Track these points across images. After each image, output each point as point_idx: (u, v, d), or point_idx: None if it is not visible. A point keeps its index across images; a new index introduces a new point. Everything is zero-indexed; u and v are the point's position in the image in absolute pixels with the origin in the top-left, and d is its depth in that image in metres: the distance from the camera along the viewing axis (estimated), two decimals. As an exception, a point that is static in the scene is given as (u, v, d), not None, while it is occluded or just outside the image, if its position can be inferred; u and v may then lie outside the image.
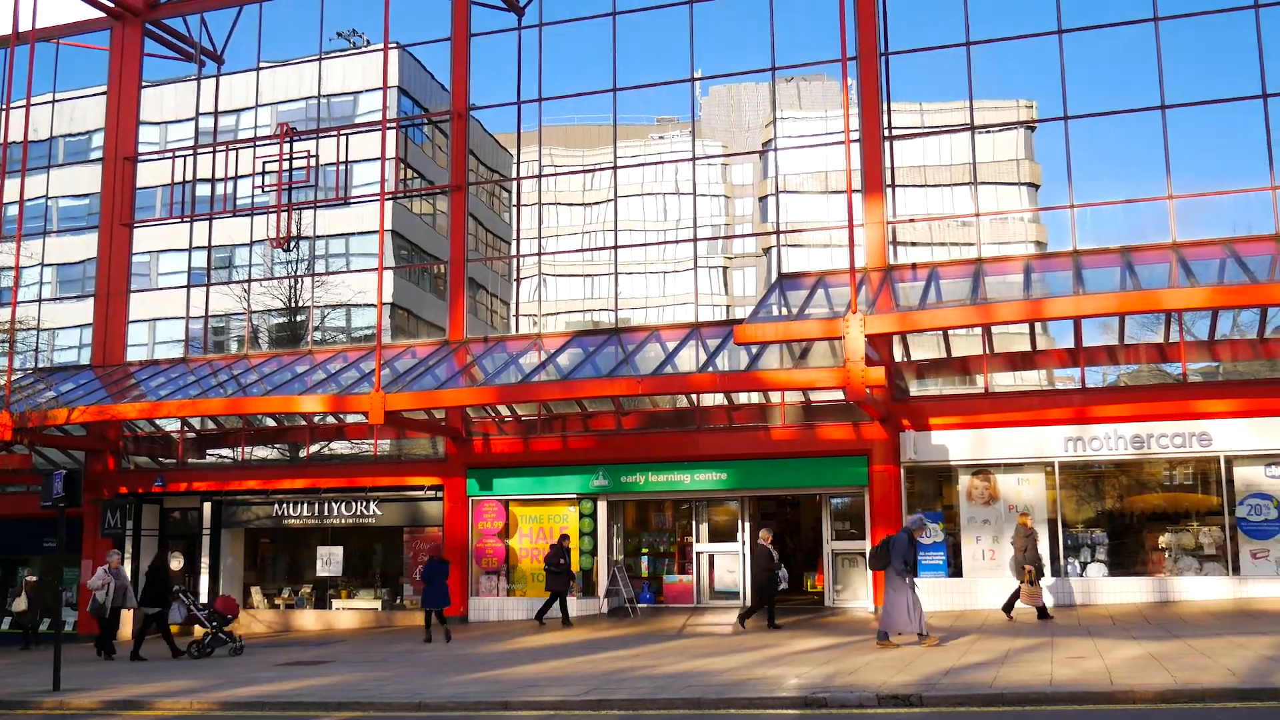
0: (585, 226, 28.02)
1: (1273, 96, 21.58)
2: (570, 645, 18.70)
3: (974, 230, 23.34)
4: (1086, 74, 22.92)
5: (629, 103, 25.88)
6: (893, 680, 12.44)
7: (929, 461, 22.02)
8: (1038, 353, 23.34)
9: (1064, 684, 11.47)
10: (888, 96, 23.69)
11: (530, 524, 24.40)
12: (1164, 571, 20.96)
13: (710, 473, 23.27)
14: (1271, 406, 20.53)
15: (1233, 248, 20.68)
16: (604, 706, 12.34)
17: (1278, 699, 10.17)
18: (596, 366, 22.69)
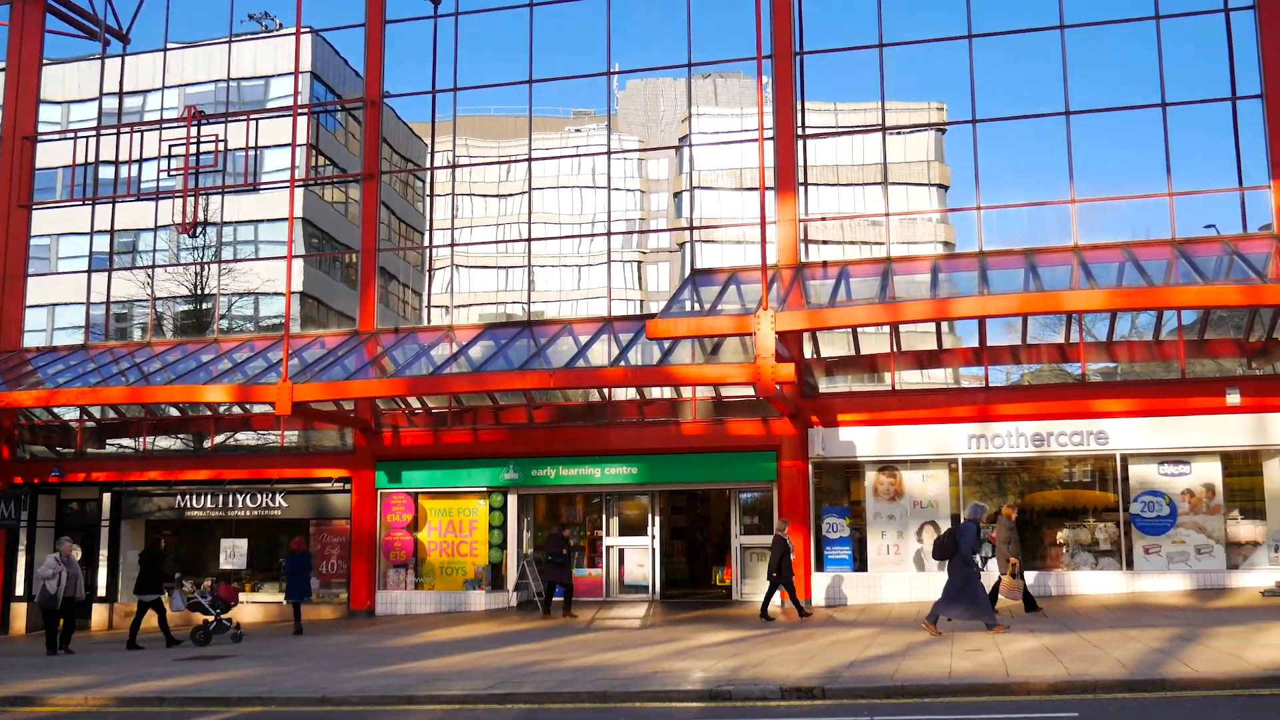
0: (500, 218, 27.85)
1: (1171, 106, 22.21)
2: (478, 639, 18.62)
3: (884, 230, 23.69)
4: (996, 79, 23.43)
5: (546, 95, 25.80)
6: (797, 673, 12.60)
7: (837, 457, 22.32)
8: (944, 351, 23.79)
9: (962, 676, 11.72)
10: (802, 95, 23.92)
11: (440, 517, 24.22)
12: (1061, 566, 21.52)
13: (621, 467, 23.32)
14: (1165, 406, 21.18)
15: (1131, 252, 21.27)
16: (510, 700, 12.31)
17: (1164, 689, 10.51)
18: (509, 359, 22.58)
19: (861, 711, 10.42)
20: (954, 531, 16.53)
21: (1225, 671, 10.85)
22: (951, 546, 16.21)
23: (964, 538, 16.10)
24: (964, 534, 16.15)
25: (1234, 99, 22.07)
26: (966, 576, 15.92)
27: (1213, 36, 22.46)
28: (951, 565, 16.23)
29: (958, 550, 16.04)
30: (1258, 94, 21.80)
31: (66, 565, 20.28)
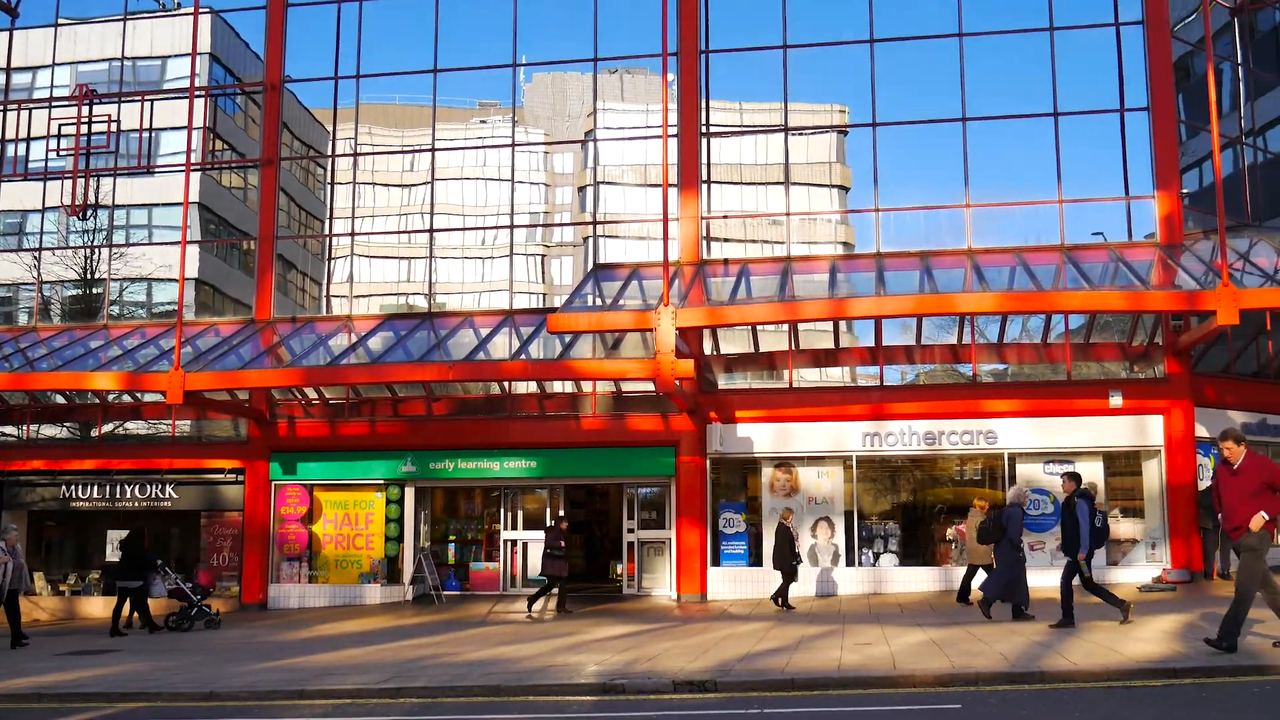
0: (403, 208, 27.57)
1: (1063, 115, 22.85)
2: (372, 633, 18.43)
3: (785, 229, 23.98)
4: (897, 84, 23.79)
5: (451, 85, 25.62)
6: (690, 666, 12.71)
7: (734, 453, 22.56)
8: (841, 350, 24.19)
9: (851, 669, 11.94)
10: (707, 94, 24.08)
11: (335, 510, 23.89)
12: (950, 562, 22.02)
13: (521, 460, 23.26)
14: (1052, 407, 21.83)
15: (1022, 256, 21.84)
16: (402, 695, 12.21)
17: (1043, 682, 10.84)
18: (408, 351, 22.37)
19: (752, 704, 10.57)
20: (999, 517, 16.65)
21: (1100, 664, 11.23)
22: (998, 532, 16.41)
23: (1011, 523, 16.27)
24: (1010, 519, 16.31)
25: (1122, 111, 22.79)
26: (1014, 561, 16.15)
27: (1104, 50, 23.17)
28: (999, 551, 16.49)
29: (1004, 535, 16.24)
30: (1144, 107, 22.53)
31: (12, 555, 19.47)
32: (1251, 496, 11.21)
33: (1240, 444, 11.58)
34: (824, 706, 10.25)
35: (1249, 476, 11.32)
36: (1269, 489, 11.19)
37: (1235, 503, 11.40)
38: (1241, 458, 11.48)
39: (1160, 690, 10.06)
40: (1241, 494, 11.32)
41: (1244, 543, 11.26)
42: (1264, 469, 11.37)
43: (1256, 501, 11.17)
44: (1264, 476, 11.27)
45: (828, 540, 22.23)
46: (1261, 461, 11.52)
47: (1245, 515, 11.20)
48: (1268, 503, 11.16)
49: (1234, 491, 11.45)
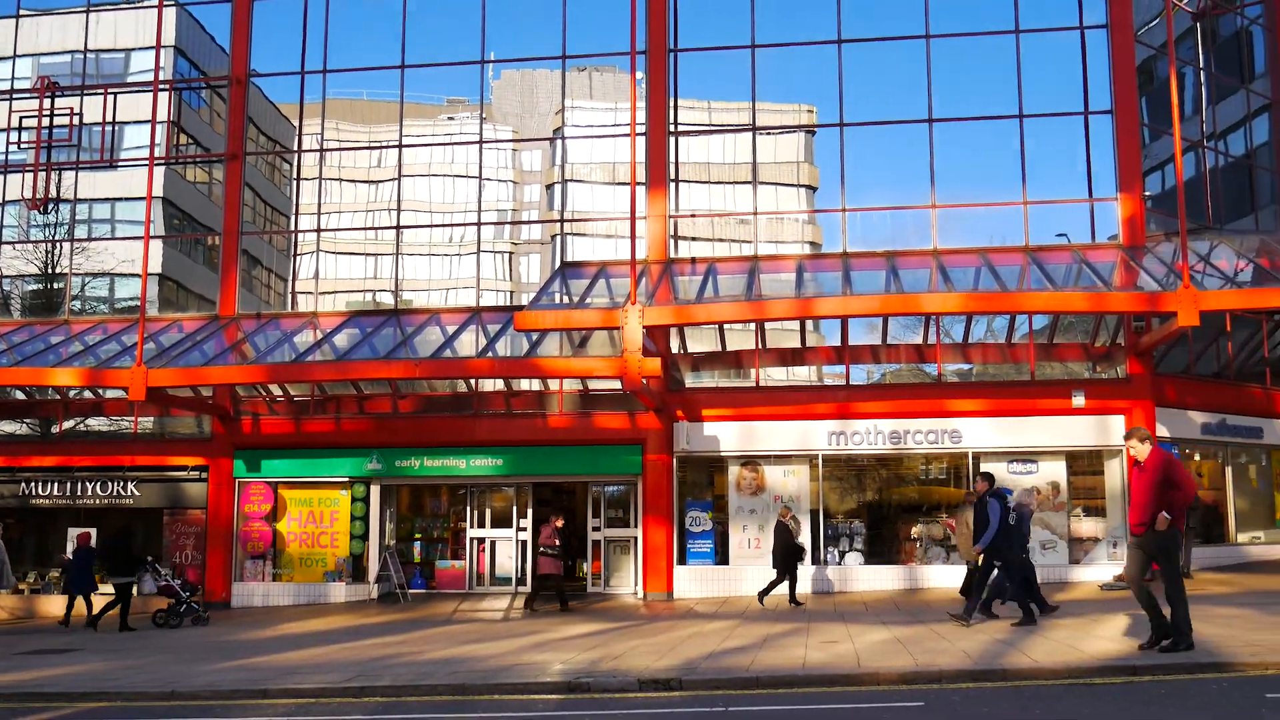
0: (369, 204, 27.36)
1: (1028, 117, 23.04)
2: (337, 631, 18.34)
3: (753, 228, 24.04)
4: (864, 84, 23.90)
5: (420, 81, 25.51)
6: (655, 665, 12.73)
7: (701, 452, 22.61)
8: (807, 349, 24.28)
9: (816, 667, 12.00)
10: (675, 93, 24.10)
11: (300, 507, 23.74)
12: (915, 560, 22.17)
13: (487, 458, 23.21)
14: (1015, 407, 22.01)
15: (987, 257, 22.01)
16: (366, 694, 12.15)
17: (1005, 679, 10.93)
18: (374, 348, 22.27)
19: (717, 702, 10.60)
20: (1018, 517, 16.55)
21: (1062, 661, 11.35)
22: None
23: (1021, 521, 16.36)
24: (1021, 518, 16.38)
25: (1086, 114, 23.00)
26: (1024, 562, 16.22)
27: (1068, 53, 23.36)
28: None
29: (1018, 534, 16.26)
30: (1108, 109, 22.75)
31: None
32: (1157, 494, 11.40)
33: (1145, 442, 11.76)
34: (789, 704, 10.29)
35: (1155, 474, 11.47)
36: (1169, 485, 11.37)
37: (1142, 500, 11.57)
38: (1147, 455, 11.65)
39: (1120, 687, 10.17)
40: (1147, 491, 11.49)
41: (1149, 541, 11.47)
42: (1169, 466, 11.50)
43: (1162, 498, 11.37)
44: (1165, 473, 11.42)
45: (793, 538, 22.29)
46: (1166, 458, 11.64)
47: (1151, 512, 11.40)
48: (1168, 505, 11.33)
49: (1141, 488, 11.62)
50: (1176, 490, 11.41)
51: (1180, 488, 11.44)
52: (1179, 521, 11.53)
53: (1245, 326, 25.11)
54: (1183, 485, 11.49)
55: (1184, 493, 11.51)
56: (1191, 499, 11.77)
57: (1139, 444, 11.76)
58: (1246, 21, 27.44)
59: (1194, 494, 11.78)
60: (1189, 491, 11.67)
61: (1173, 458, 11.76)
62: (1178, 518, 11.49)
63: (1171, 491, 11.38)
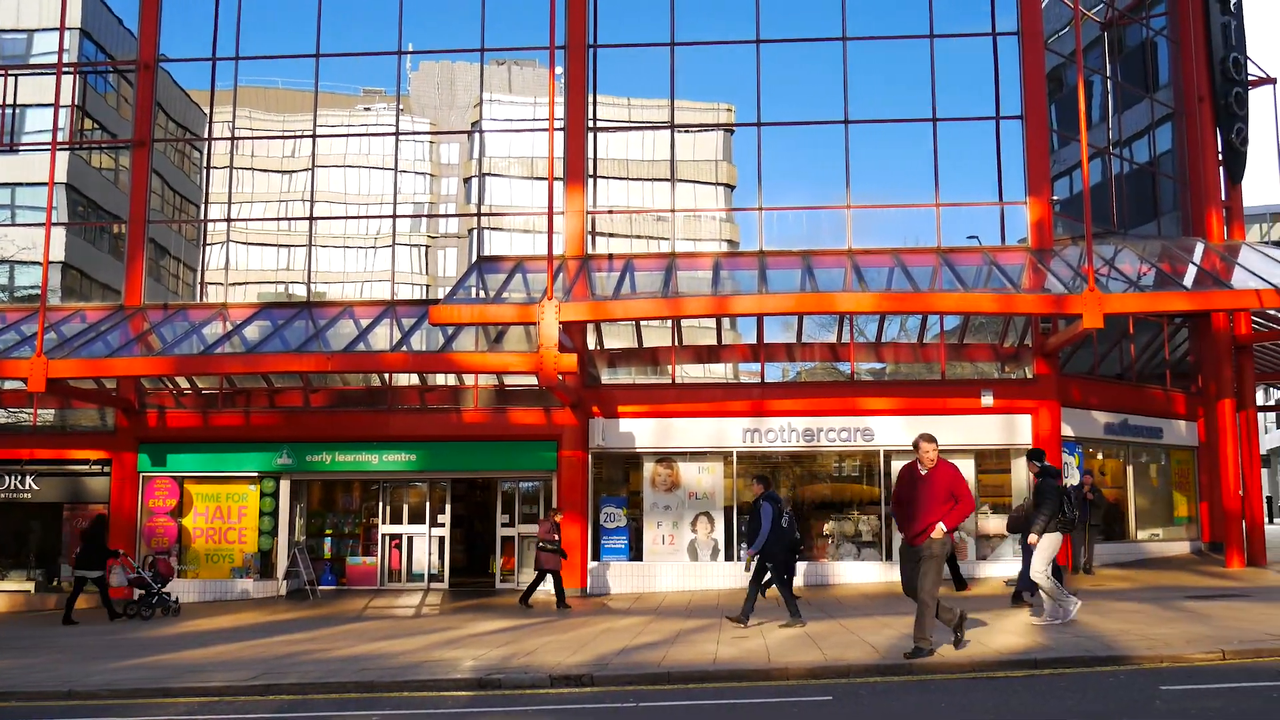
0: (282, 194, 26.88)
1: (941, 121, 23.39)
2: (244, 629, 18.00)
3: (670, 225, 24.10)
4: (782, 84, 24.07)
5: (335, 70, 25.13)
6: (567, 661, 12.68)
7: (616, 448, 22.61)
8: (723, 347, 24.42)
9: (726, 662, 12.06)
10: (594, 88, 24.07)
11: (207, 503, 23.27)
12: (827, 557, 22.42)
13: (400, 454, 22.98)
14: (926, 406, 22.35)
15: (900, 258, 22.32)
16: (272, 691, 11.93)
17: (911, 673, 11.07)
18: (285, 340, 21.89)
19: (629, 698, 10.58)
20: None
21: (966, 656, 11.53)
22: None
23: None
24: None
25: (998, 119, 23.43)
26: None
27: (981, 59, 23.78)
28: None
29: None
30: (1018, 115, 23.20)
31: None
32: (939, 503, 11.18)
33: (932, 445, 11.52)
34: (699, 699, 10.32)
35: (938, 483, 11.27)
36: (953, 498, 11.20)
37: (922, 508, 11.30)
38: (934, 463, 11.41)
39: (1022, 680, 10.37)
40: (929, 500, 11.25)
41: (926, 550, 11.20)
42: (952, 477, 11.31)
43: (943, 507, 11.16)
44: (950, 485, 11.24)
45: (707, 535, 22.42)
46: (950, 469, 11.43)
47: (930, 521, 11.17)
48: (949, 513, 11.16)
49: (922, 496, 11.34)
50: (959, 503, 11.22)
51: (962, 500, 11.26)
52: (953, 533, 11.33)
53: (1147, 329, 25.84)
54: (964, 498, 11.30)
55: (965, 506, 11.30)
56: (969, 513, 11.42)
57: (931, 447, 11.47)
58: (1151, 33, 28.20)
59: (972, 508, 11.37)
60: (968, 505, 11.41)
61: (958, 470, 11.52)
62: (954, 527, 11.32)
63: (954, 504, 11.20)
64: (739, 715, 9.56)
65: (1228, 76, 25.66)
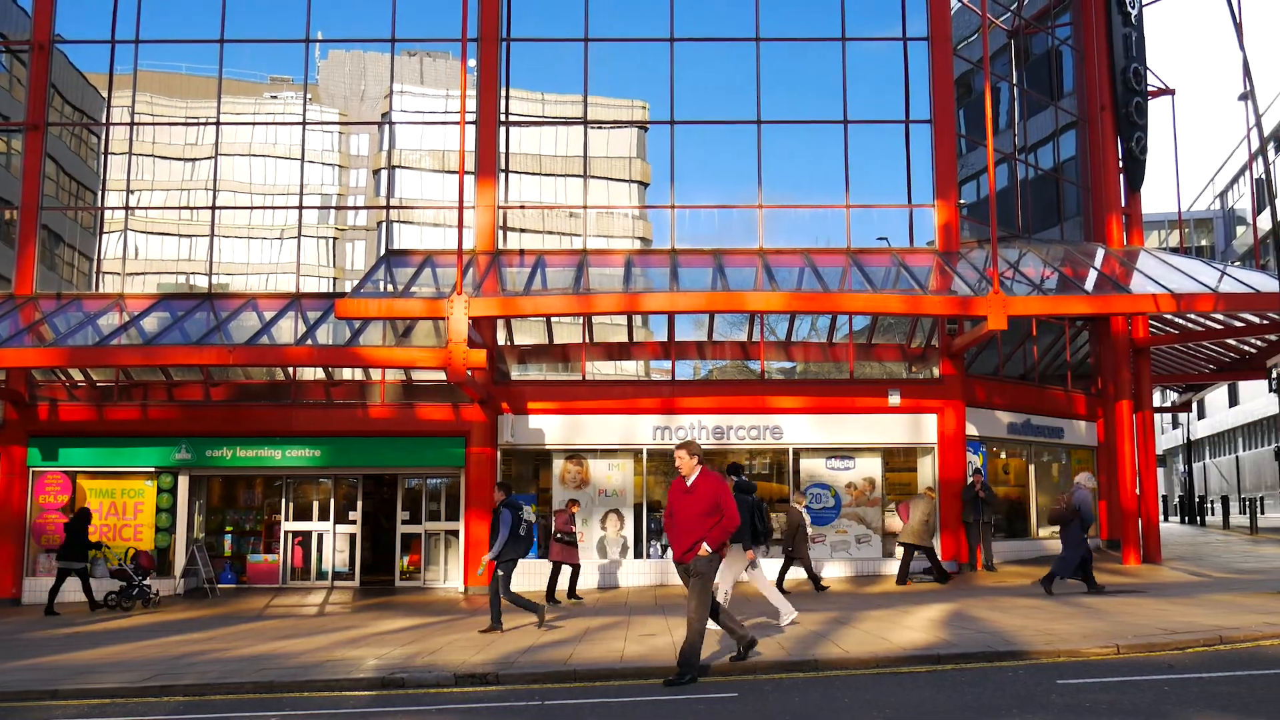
0: (184, 183, 26.15)
1: (852, 123, 23.62)
2: (139, 628, 17.46)
3: (582, 222, 23.99)
4: (696, 83, 24.11)
5: (242, 57, 24.56)
6: (472, 659, 12.51)
7: (526, 445, 22.44)
8: (635, 344, 24.37)
9: (632, 660, 11.98)
10: (507, 82, 23.87)
11: (101, 498, 22.55)
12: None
13: (304, 449, 22.52)
14: (835, 405, 22.57)
15: (811, 258, 22.49)
16: (168, 693, 11.55)
17: (817, 669, 11.10)
18: (185, 332, 21.32)
19: (534, 696, 10.45)
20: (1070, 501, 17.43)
21: (871, 652, 11.61)
22: (1072, 514, 17.25)
23: (1083, 506, 17.30)
24: (1082, 502, 17.33)
25: (907, 122, 23.75)
26: (1081, 540, 17.21)
27: (892, 63, 24.08)
28: (1069, 533, 17.34)
29: (1078, 517, 17.15)
30: (927, 119, 23.53)
31: None
32: (703, 517, 10.51)
33: (694, 457, 10.78)
34: (605, 697, 10.23)
35: (702, 496, 10.59)
36: (717, 511, 10.50)
37: (686, 524, 10.65)
38: (696, 474, 10.73)
39: (925, 675, 10.46)
40: (693, 514, 10.59)
41: (694, 568, 10.53)
42: (715, 489, 10.59)
43: (707, 522, 10.49)
44: (714, 497, 10.54)
45: (617, 532, 22.36)
46: (713, 481, 10.69)
47: (698, 536, 10.50)
48: (713, 529, 10.46)
49: (686, 510, 10.68)
50: (723, 517, 10.50)
51: (727, 514, 10.51)
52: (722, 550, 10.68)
53: (1050, 331, 26.40)
54: (729, 512, 10.53)
55: (729, 520, 10.52)
56: (734, 528, 10.56)
57: (687, 457, 10.75)
58: (1057, 42, 28.82)
59: (738, 522, 10.60)
60: (734, 520, 10.57)
61: (722, 480, 10.77)
62: (720, 544, 10.55)
63: (719, 519, 10.50)
64: (644, 713, 9.48)
65: (1129, 86, 26.31)
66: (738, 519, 10.64)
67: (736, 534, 12.69)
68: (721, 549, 10.66)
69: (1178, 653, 11.13)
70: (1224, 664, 10.31)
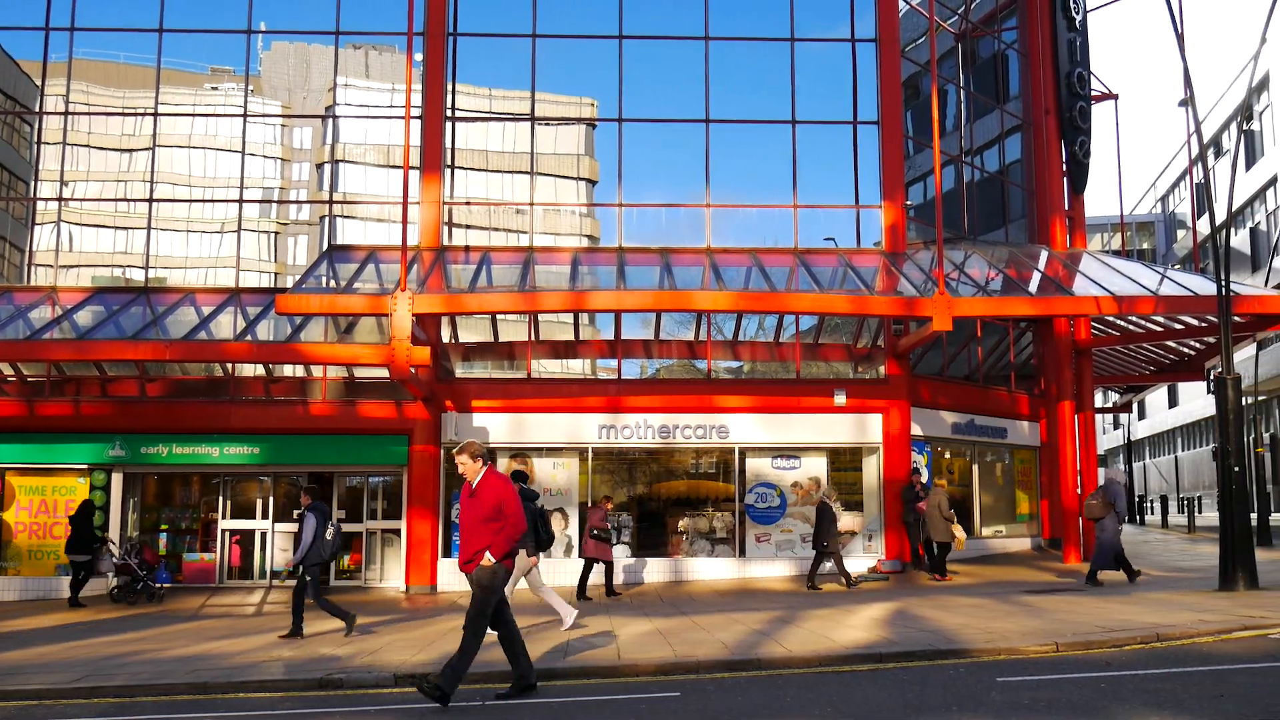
0: (121, 174, 25.61)
1: (800, 123, 23.64)
2: (69, 628, 17.05)
3: (529, 219, 23.79)
4: (645, 81, 24.02)
5: (182, 47, 24.13)
6: (413, 659, 12.34)
7: (470, 443, 22.17)
8: (581, 342, 24.22)
9: (576, 659, 11.86)
10: (453, 77, 23.63)
11: (31, 496, 22.01)
12: (681, 553, 22.41)
13: (242, 446, 22.11)
14: (781, 404, 22.57)
15: (758, 258, 22.47)
16: (97, 694, 11.25)
17: (760, 669, 11.05)
18: (120, 327, 20.87)
19: (475, 696, 10.29)
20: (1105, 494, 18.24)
21: (814, 650, 11.56)
22: (1107, 508, 17.98)
23: (1117, 499, 18.16)
24: (1116, 495, 18.21)
25: (855, 123, 23.81)
26: (1116, 531, 18.04)
27: (840, 64, 24.12)
28: (1105, 524, 18.02)
29: (1113, 509, 17.99)
30: (875, 120, 23.60)
31: None
32: (486, 522, 9.74)
33: (477, 459, 9.97)
34: (547, 697, 10.09)
35: (485, 500, 9.78)
36: (501, 516, 9.73)
37: (469, 530, 9.87)
38: (480, 476, 9.91)
39: (866, 674, 10.42)
40: (476, 518, 9.81)
41: (476, 578, 9.77)
42: (499, 493, 9.79)
43: (490, 528, 9.71)
44: (498, 501, 9.76)
45: (561, 531, 22.17)
46: (498, 483, 9.89)
47: (481, 544, 9.71)
48: (496, 535, 9.69)
49: (469, 515, 9.91)
50: (505, 524, 9.72)
51: (510, 519, 9.73)
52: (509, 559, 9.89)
53: (994, 332, 26.60)
54: (514, 515, 9.76)
55: (512, 526, 9.75)
56: (520, 534, 9.90)
57: (470, 461, 9.93)
58: (1003, 46, 29.06)
59: (523, 528, 9.92)
60: (518, 525, 9.81)
61: (508, 483, 9.99)
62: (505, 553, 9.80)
63: (502, 525, 9.72)
64: (587, 712, 9.36)
65: (1073, 91, 26.58)
66: (523, 524, 9.93)
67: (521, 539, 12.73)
68: (507, 559, 9.86)
69: (1115, 650, 11.20)
70: (1160, 661, 10.37)
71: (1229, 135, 46.17)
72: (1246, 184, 43.53)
